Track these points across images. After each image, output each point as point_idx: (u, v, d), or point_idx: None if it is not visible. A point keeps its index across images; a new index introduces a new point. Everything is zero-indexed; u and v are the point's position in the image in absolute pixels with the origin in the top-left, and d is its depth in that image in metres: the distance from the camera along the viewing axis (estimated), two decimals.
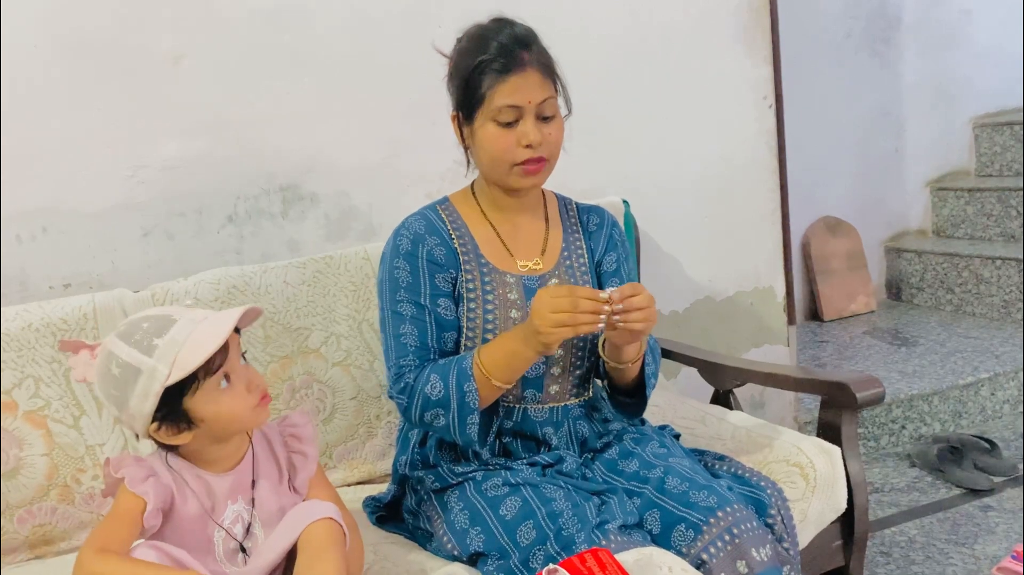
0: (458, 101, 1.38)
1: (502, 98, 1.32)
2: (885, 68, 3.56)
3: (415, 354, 1.36)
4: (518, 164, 1.35)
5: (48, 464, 1.53)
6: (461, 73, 1.35)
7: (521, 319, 1.40)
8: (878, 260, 3.67)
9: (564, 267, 1.47)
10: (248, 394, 1.13)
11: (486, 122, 1.34)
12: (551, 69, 1.38)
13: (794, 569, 1.32)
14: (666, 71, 2.23)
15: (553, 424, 1.43)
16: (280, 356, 1.68)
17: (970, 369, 2.76)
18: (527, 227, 1.47)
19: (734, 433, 1.67)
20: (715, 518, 1.26)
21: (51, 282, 1.74)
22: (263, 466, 1.21)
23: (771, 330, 2.45)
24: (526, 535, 1.25)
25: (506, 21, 1.38)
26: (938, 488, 2.37)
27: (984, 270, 3.25)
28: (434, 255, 1.40)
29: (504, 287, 1.42)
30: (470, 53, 1.34)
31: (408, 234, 1.41)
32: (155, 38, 1.77)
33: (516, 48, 1.33)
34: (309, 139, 1.90)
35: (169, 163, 1.81)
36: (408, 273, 1.39)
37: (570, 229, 1.51)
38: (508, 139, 1.34)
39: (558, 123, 1.38)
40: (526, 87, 1.32)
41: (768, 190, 2.38)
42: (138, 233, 1.80)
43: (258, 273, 1.70)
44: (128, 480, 1.10)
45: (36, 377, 1.53)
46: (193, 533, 1.14)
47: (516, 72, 1.32)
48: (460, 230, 1.44)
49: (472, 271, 1.42)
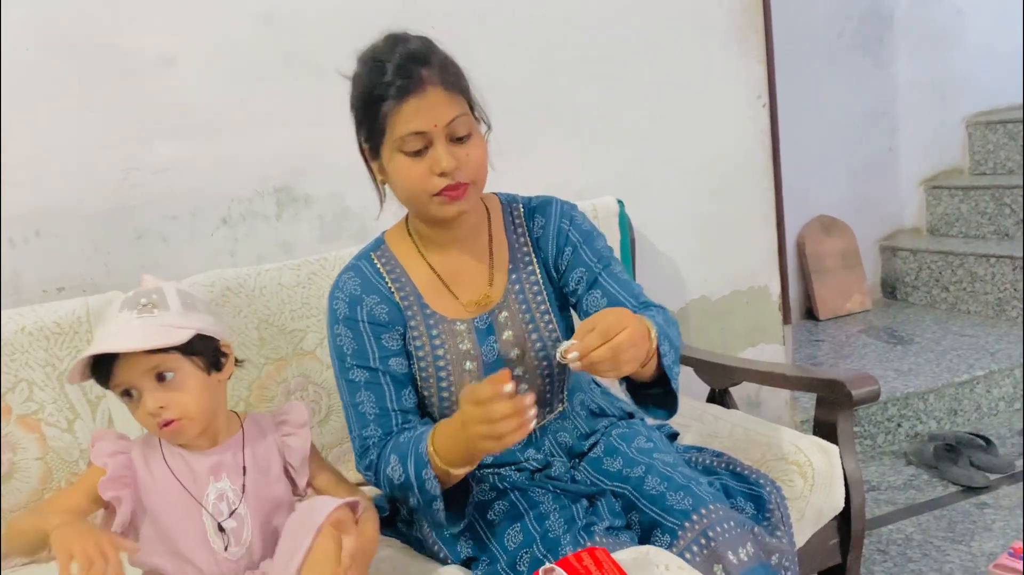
0: (361, 134, 1.27)
1: (404, 125, 1.19)
2: (878, 67, 3.57)
3: (376, 423, 1.29)
4: (436, 194, 1.22)
5: (42, 468, 1.52)
6: (358, 104, 1.24)
7: (476, 370, 1.32)
8: (873, 259, 3.68)
9: (514, 294, 1.36)
10: (147, 417, 1.13)
11: (394, 154, 1.22)
12: (458, 83, 1.23)
13: (791, 567, 1.31)
14: (659, 71, 2.22)
15: (534, 445, 1.39)
16: (275, 358, 1.67)
17: (965, 367, 2.76)
18: (469, 259, 1.35)
19: (732, 431, 1.67)
20: (689, 522, 1.21)
21: (44, 285, 1.74)
22: (255, 452, 1.21)
23: (766, 329, 2.45)
24: (513, 539, 1.24)
25: (399, 37, 1.24)
26: (934, 486, 2.37)
27: (979, 268, 3.25)
28: (375, 315, 1.30)
29: (454, 338, 1.32)
30: (364, 80, 1.23)
31: (344, 297, 1.31)
32: (148, 41, 1.77)
33: (411, 66, 1.19)
34: (303, 141, 1.90)
35: (162, 165, 1.80)
36: (351, 339, 1.30)
37: (517, 243, 1.39)
38: (420, 169, 1.21)
39: (476, 141, 1.24)
40: (428, 109, 1.19)
41: (762, 189, 2.38)
42: (132, 236, 1.80)
43: (252, 275, 1.70)
44: (94, 453, 1.15)
45: (29, 381, 1.53)
46: (176, 514, 1.15)
47: (415, 94, 1.18)
48: (399, 279, 1.34)
49: (418, 325, 1.32)
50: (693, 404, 1.86)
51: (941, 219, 3.64)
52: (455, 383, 1.32)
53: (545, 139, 2.10)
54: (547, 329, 1.36)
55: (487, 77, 2.13)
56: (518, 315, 1.35)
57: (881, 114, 3.60)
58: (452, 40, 2.00)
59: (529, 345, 1.35)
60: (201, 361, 1.15)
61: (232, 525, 1.16)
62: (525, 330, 1.35)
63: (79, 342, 1.56)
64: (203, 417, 1.16)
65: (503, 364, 1.33)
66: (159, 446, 1.18)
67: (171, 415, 1.12)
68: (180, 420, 1.13)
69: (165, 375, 1.12)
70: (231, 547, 1.16)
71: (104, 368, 1.11)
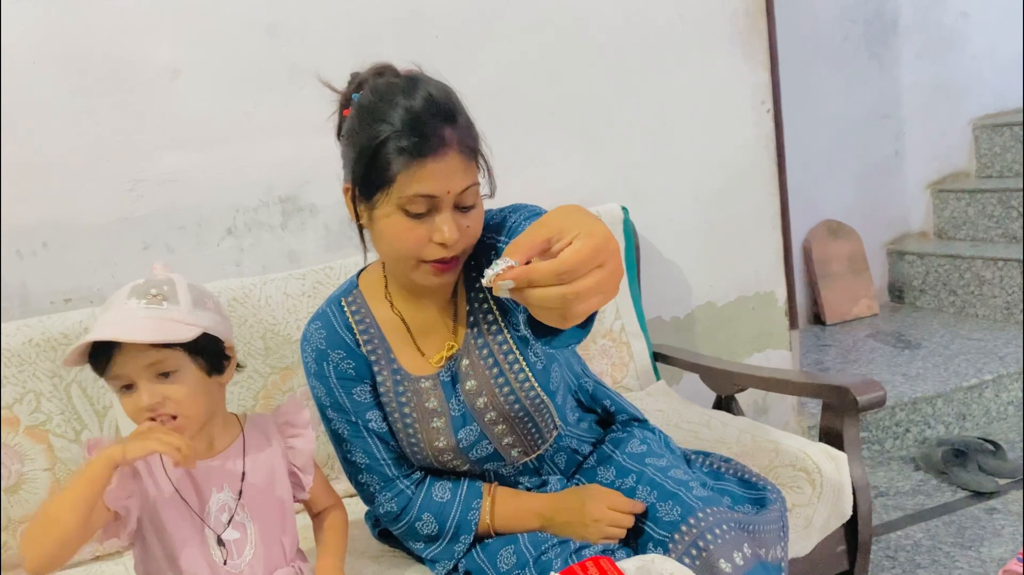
0: (354, 174, 1.13)
1: (416, 185, 1.07)
2: (883, 71, 3.57)
3: (368, 472, 1.28)
4: (427, 262, 1.13)
5: (50, 479, 1.53)
6: (360, 141, 1.10)
7: (445, 427, 1.25)
8: (880, 263, 3.67)
9: (473, 337, 1.26)
10: (140, 411, 1.08)
11: (393, 211, 1.10)
12: (475, 148, 1.13)
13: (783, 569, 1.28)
14: (663, 77, 2.23)
15: (530, 471, 1.35)
16: (280, 367, 1.68)
17: (974, 371, 2.75)
18: (439, 311, 1.28)
19: (739, 438, 1.67)
20: (679, 533, 1.16)
21: (52, 297, 1.75)
22: (256, 458, 1.18)
23: (773, 335, 2.44)
24: (506, 560, 1.23)
25: (421, 80, 1.12)
26: (943, 491, 2.36)
27: (986, 271, 3.24)
28: (342, 370, 1.25)
29: (419, 396, 1.26)
30: (372, 117, 1.10)
31: (311, 350, 1.26)
32: (152, 53, 1.78)
33: (436, 124, 1.07)
34: (307, 150, 1.91)
35: (168, 176, 1.81)
36: (326, 394, 1.26)
37: (471, 280, 1.27)
38: (418, 233, 1.11)
39: (478, 212, 1.15)
40: (445, 175, 1.08)
41: (768, 194, 2.38)
42: (138, 247, 1.80)
43: (258, 285, 1.70)
44: None
45: (37, 392, 1.54)
46: (179, 523, 1.12)
47: (435, 156, 1.07)
48: (369, 330, 1.27)
49: (385, 380, 1.26)
50: (700, 411, 1.85)
51: (948, 222, 3.63)
52: (423, 440, 1.27)
53: (549, 145, 2.10)
54: (512, 370, 1.26)
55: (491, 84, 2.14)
56: (479, 361, 1.26)
57: (886, 118, 3.60)
58: (456, 48, 2.03)
59: (496, 391, 1.25)
60: (204, 362, 1.12)
61: (234, 535, 1.14)
62: (489, 375, 1.26)
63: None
64: (199, 419, 1.12)
65: (472, 417, 1.26)
66: (160, 455, 1.13)
67: (168, 411, 1.08)
68: (176, 418, 1.08)
69: (167, 373, 1.08)
70: (231, 560, 1.13)
71: (102, 357, 1.06)
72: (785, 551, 1.31)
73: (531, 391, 1.26)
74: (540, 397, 1.27)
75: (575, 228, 0.84)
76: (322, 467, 1.69)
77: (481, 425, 1.27)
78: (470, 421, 1.27)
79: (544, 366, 1.28)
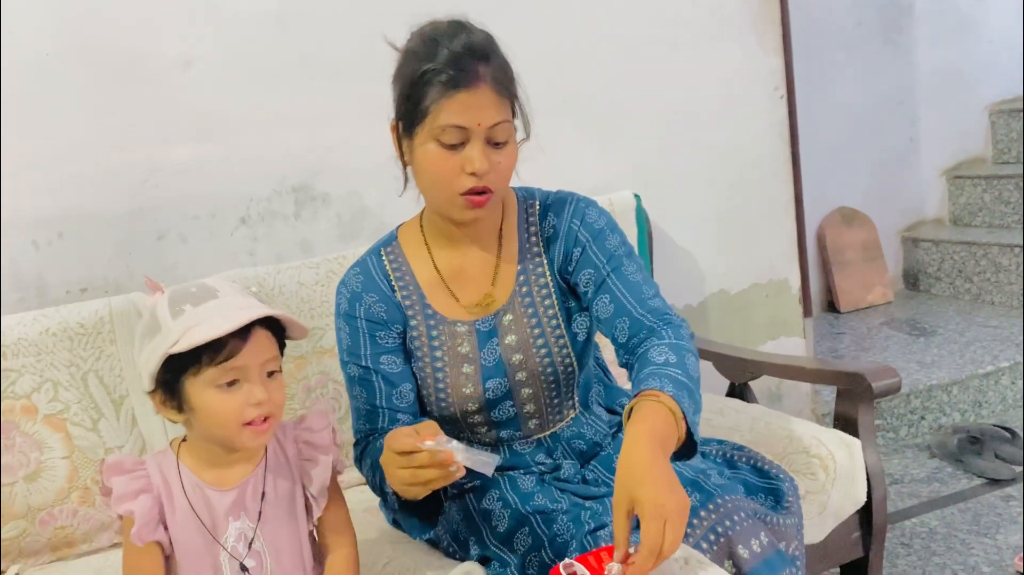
0: (398, 110, 1.22)
1: (448, 116, 1.15)
2: (898, 56, 3.53)
3: (365, 418, 1.31)
4: (461, 194, 1.19)
5: (68, 467, 1.54)
6: (404, 79, 1.20)
7: (474, 375, 1.30)
8: (895, 250, 3.64)
9: (520, 297, 1.32)
10: (246, 407, 1.04)
11: (428, 140, 1.18)
12: (509, 88, 1.21)
13: (800, 557, 1.29)
14: (676, 63, 2.22)
15: (545, 450, 1.36)
16: (295, 356, 1.69)
17: (990, 358, 2.73)
18: (476, 259, 1.33)
19: (753, 425, 1.67)
20: (698, 518, 1.17)
21: (68, 287, 1.76)
22: (274, 479, 1.13)
23: (787, 322, 2.43)
24: (522, 542, 1.24)
25: (463, 25, 1.21)
26: (959, 478, 2.35)
27: (1003, 258, 3.21)
28: (373, 313, 1.31)
29: (453, 339, 1.31)
30: (416, 57, 1.18)
31: (346, 293, 1.33)
32: (165, 44, 1.78)
33: (469, 59, 1.15)
34: (320, 140, 1.91)
35: (182, 167, 1.82)
36: (348, 335, 1.32)
37: (528, 244, 1.34)
38: (451, 163, 1.18)
39: (510, 150, 1.21)
40: (477, 107, 1.16)
41: (781, 181, 2.36)
42: (153, 237, 1.82)
43: (272, 274, 1.71)
44: (115, 497, 1.07)
45: (55, 381, 1.55)
46: (196, 553, 1.09)
47: (467, 88, 1.15)
48: (404, 277, 1.33)
49: (419, 325, 1.32)
50: (713, 399, 1.85)
51: (964, 209, 3.60)
52: (451, 386, 1.31)
53: (561, 133, 2.10)
54: (554, 335, 1.31)
55: None
56: (523, 319, 1.31)
57: (901, 103, 3.57)
58: None
59: (533, 351, 1.31)
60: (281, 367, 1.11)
61: (251, 564, 1.10)
62: (530, 335, 1.31)
63: (102, 342, 1.58)
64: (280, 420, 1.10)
65: (503, 370, 1.31)
66: (178, 473, 1.10)
67: (268, 411, 1.05)
68: (272, 418, 1.07)
69: (272, 372, 1.07)
70: None
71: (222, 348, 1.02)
72: (801, 543, 1.31)
73: (567, 358, 1.31)
74: (573, 366, 1.32)
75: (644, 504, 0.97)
76: None
77: (510, 382, 1.31)
78: (500, 374, 1.30)
79: (583, 340, 1.34)
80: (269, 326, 1.07)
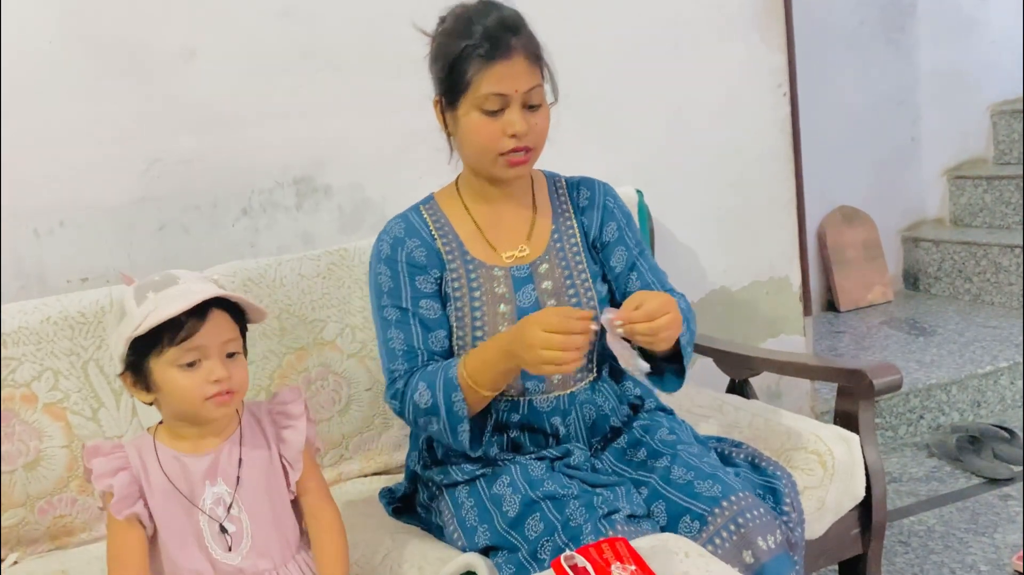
0: (441, 86, 1.35)
1: (488, 86, 1.28)
2: (900, 55, 3.53)
3: (404, 358, 1.35)
4: (503, 154, 1.32)
5: (68, 456, 1.54)
6: (444, 57, 1.32)
7: (510, 314, 1.37)
8: (895, 249, 3.65)
9: (555, 251, 1.43)
10: (206, 384, 1.10)
11: (471, 110, 1.31)
12: (538, 56, 1.34)
13: (800, 561, 1.31)
14: (678, 60, 2.21)
15: (560, 412, 1.40)
16: (296, 348, 1.69)
17: (989, 358, 2.74)
18: (511, 215, 1.44)
19: (752, 421, 1.67)
20: (719, 508, 1.24)
21: (69, 275, 1.76)
22: (251, 448, 1.19)
23: (787, 320, 2.43)
24: (533, 528, 1.25)
25: (493, 4, 1.34)
26: (957, 477, 2.35)
27: (1003, 258, 3.22)
28: (414, 257, 1.39)
29: (491, 282, 1.39)
30: (454, 36, 1.31)
31: (388, 239, 1.41)
32: (168, 35, 1.78)
33: (503, 33, 1.29)
34: (322, 132, 1.91)
35: (184, 157, 1.82)
36: (389, 278, 1.38)
37: (560, 210, 1.48)
38: (493, 128, 1.31)
39: (544, 112, 1.35)
40: (513, 75, 1.29)
41: (783, 179, 2.36)
42: (154, 227, 1.81)
43: (273, 266, 1.71)
44: (95, 475, 1.13)
45: (55, 370, 1.55)
46: (178, 523, 1.14)
47: (502, 59, 1.28)
48: (443, 228, 1.42)
49: (457, 269, 1.40)
50: (713, 395, 1.85)
51: (964, 209, 3.60)
52: (488, 324, 1.37)
53: (563, 129, 2.07)
54: (583, 287, 1.41)
55: None
56: (557, 270, 1.41)
57: (903, 103, 3.57)
58: None
59: (565, 300, 1.40)
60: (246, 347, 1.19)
61: (232, 528, 1.15)
62: (563, 285, 1.41)
63: (103, 332, 1.58)
64: (243, 396, 1.17)
65: (539, 310, 1.35)
66: (154, 451, 1.16)
67: (230, 386, 1.12)
68: (235, 393, 1.13)
69: (232, 353, 1.14)
70: (229, 552, 1.14)
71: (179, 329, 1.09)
72: (802, 536, 1.34)
73: (594, 311, 1.38)
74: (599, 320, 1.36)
75: (649, 296, 1.23)
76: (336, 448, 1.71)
77: None
78: None
79: (604, 299, 1.45)
80: (228, 309, 1.14)
